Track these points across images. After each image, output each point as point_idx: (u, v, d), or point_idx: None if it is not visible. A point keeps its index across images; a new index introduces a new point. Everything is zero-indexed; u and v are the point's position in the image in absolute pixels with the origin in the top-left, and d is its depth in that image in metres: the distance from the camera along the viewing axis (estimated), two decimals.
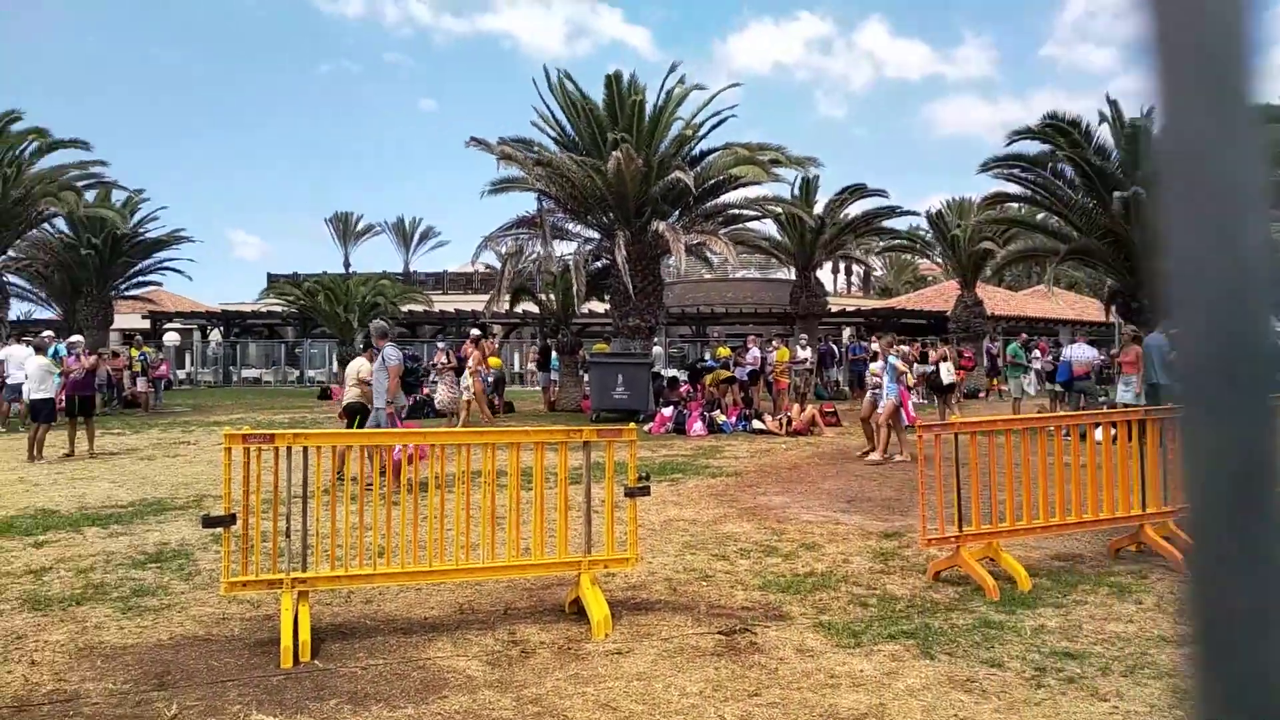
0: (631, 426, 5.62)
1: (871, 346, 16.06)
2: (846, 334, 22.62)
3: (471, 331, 22.00)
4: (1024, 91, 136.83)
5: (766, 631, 5.02)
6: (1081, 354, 16.25)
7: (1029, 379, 19.70)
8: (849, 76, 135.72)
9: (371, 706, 4.01)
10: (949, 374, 16.27)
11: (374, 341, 10.89)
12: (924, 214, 31.80)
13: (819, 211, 28.42)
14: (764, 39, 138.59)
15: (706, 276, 46.04)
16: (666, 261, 22.09)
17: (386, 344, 10.74)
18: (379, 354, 10.60)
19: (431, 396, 18.17)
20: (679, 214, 21.65)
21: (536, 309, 26.56)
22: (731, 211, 22.62)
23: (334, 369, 32.22)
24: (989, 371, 26.76)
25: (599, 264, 22.35)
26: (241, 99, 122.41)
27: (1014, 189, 20.25)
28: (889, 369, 12.29)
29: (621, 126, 19.69)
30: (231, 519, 4.80)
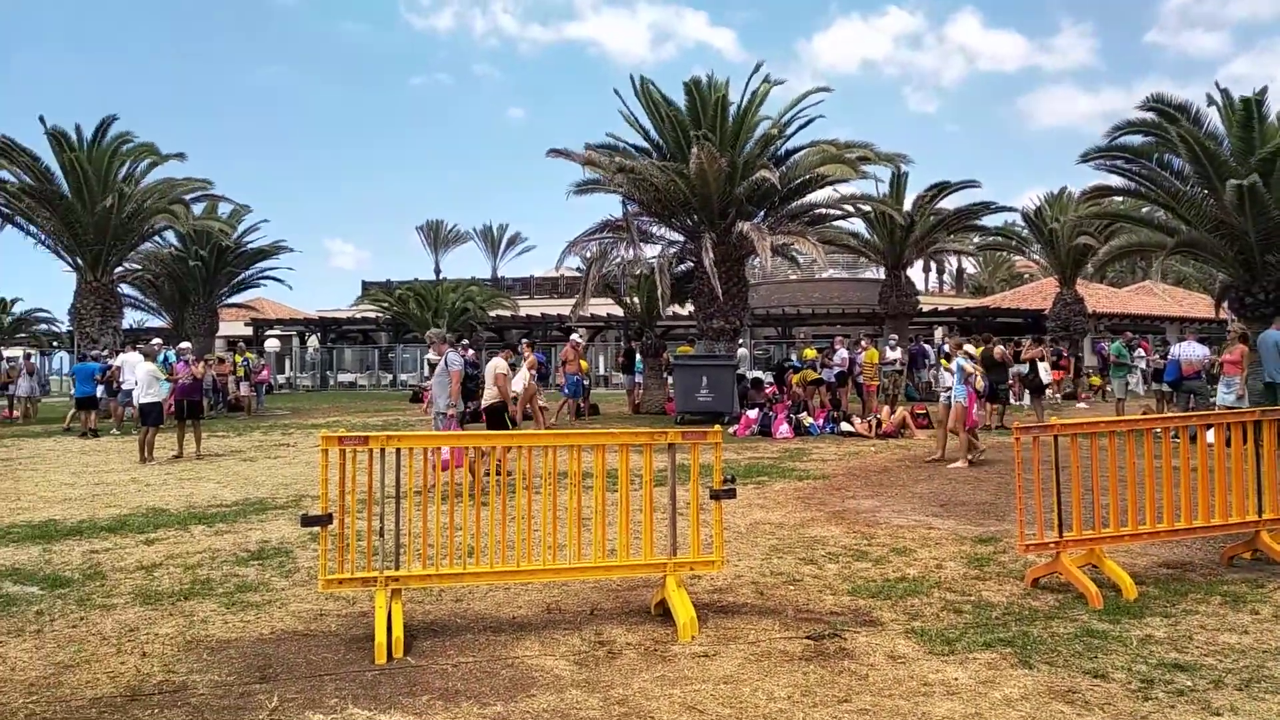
0: (716, 429, 5.56)
1: (944, 347, 15.58)
2: (939, 333, 22.07)
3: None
4: (1127, 80, 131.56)
5: (856, 637, 4.91)
6: (1192, 352, 15.43)
7: (1134, 379, 18.86)
8: (940, 71, 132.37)
9: (462, 703, 4.08)
10: (1047, 373, 15.71)
11: (434, 348, 11.18)
12: (1020, 210, 30.85)
13: (908, 208, 27.86)
14: (851, 36, 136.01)
15: (792, 277, 45.53)
16: (751, 262, 21.94)
17: (448, 349, 11.00)
18: (441, 359, 10.86)
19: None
20: (764, 214, 21.48)
21: (621, 312, 26.73)
22: (818, 211, 22.33)
23: (424, 373, 33.03)
24: (1099, 371, 25.80)
25: (683, 267, 22.34)
26: (339, 114, 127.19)
27: (1116, 181, 19.35)
28: (956, 371, 11.94)
29: (705, 128, 19.64)
30: (328, 518, 4.95)
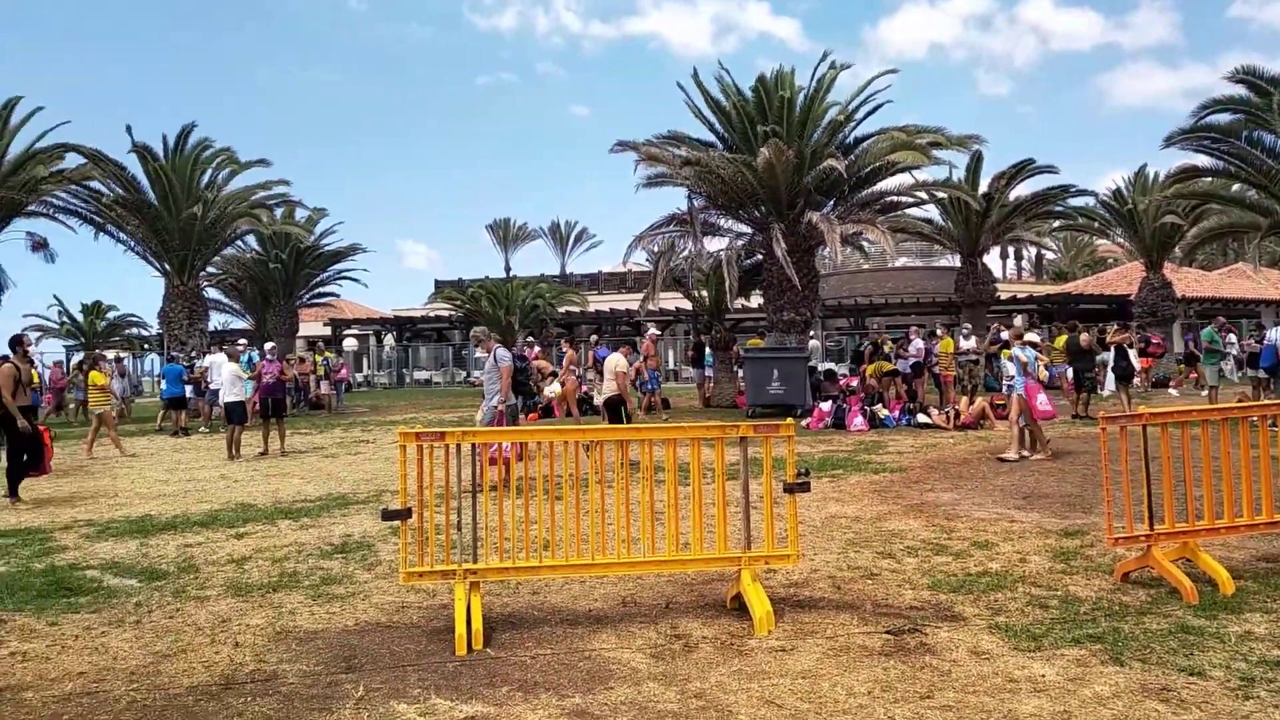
0: (789, 421, 5.50)
1: (1002, 335, 14.98)
2: (1019, 321, 21.46)
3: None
4: (1211, 55, 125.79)
5: (937, 632, 4.82)
6: None
7: (1227, 365, 18.05)
8: (1012, 53, 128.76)
9: (541, 694, 4.12)
10: (1135, 360, 15.14)
11: (481, 345, 11.29)
12: (1100, 193, 29.85)
13: (983, 192, 27.14)
14: (918, 20, 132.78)
15: (864, 267, 44.82)
16: (821, 253, 21.67)
17: (496, 345, 11.09)
18: (490, 356, 10.95)
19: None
20: (833, 204, 21.16)
21: (689, 305, 26.66)
22: (889, 199, 21.91)
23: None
24: (1184, 359, 24.79)
25: (750, 260, 22.17)
26: (409, 117, 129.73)
27: (1204, 161, 18.61)
28: (1014, 362, 11.58)
29: (771, 119, 19.45)
30: (408, 513, 5.05)
